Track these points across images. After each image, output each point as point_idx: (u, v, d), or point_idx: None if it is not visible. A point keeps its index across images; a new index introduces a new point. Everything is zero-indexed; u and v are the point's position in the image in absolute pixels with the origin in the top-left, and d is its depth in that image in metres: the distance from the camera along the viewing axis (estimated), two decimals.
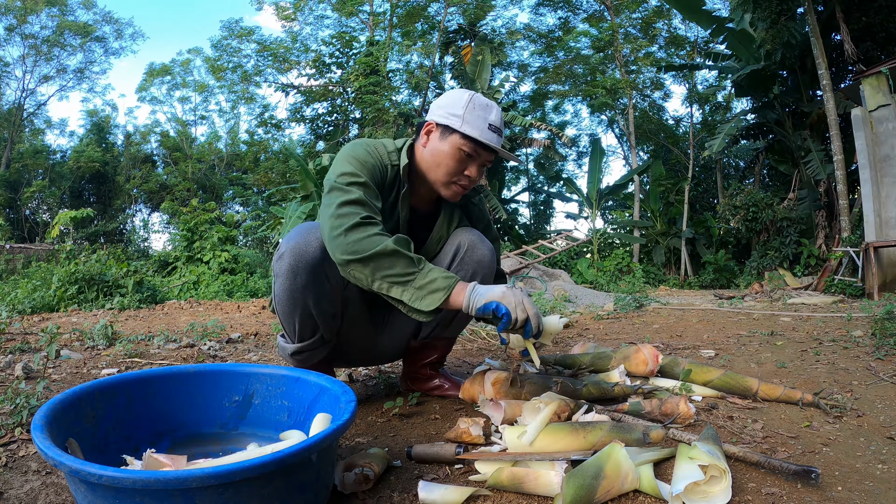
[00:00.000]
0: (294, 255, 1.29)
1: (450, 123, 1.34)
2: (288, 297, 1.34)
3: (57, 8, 21.52)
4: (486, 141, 1.33)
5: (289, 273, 1.31)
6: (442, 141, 1.37)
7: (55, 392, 1.63)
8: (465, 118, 1.34)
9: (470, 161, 1.37)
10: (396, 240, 1.20)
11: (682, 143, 18.87)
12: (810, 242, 10.56)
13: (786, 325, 3.29)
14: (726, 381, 1.59)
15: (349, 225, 1.20)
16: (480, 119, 1.34)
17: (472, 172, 1.38)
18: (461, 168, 1.37)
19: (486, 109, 1.35)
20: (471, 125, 1.33)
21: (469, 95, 1.36)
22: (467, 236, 1.49)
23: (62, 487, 1.03)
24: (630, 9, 17.27)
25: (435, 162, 1.38)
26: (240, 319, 4.06)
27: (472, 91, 1.40)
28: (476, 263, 1.47)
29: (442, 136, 1.37)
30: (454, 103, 1.36)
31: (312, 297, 1.33)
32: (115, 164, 22.73)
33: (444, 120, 1.36)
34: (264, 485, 0.79)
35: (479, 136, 1.33)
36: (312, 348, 1.46)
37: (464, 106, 1.34)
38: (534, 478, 0.97)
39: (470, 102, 1.35)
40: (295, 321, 1.38)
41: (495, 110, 1.37)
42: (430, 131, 1.40)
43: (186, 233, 9.60)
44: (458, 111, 1.34)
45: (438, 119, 1.37)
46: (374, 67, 14.04)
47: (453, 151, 1.35)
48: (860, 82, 8.03)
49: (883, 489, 0.99)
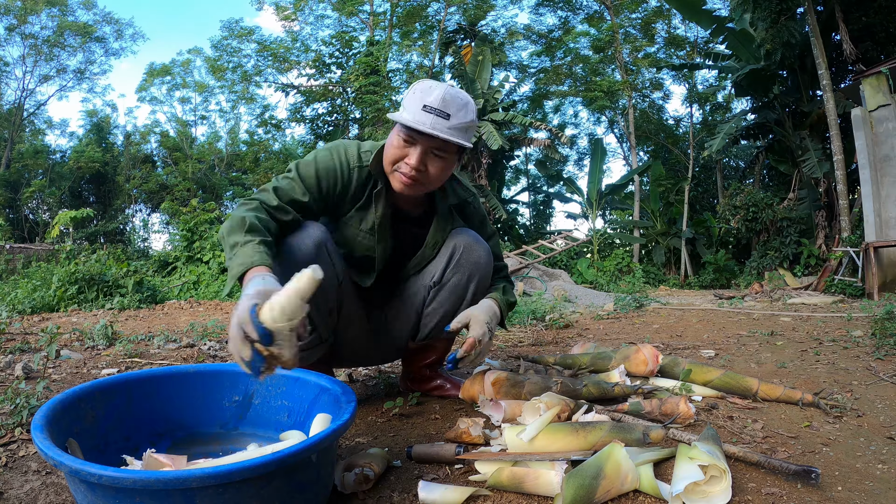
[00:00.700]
0: (287, 253, 1.31)
1: (393, 115, 1.32)
2: None
3: (57, 8, 21.52)
4: (416, 124, 1.25)
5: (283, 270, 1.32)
6: (392, 135, 1.35)
7: (55, 392, 1.63)
8: (405, 105, 1.30)
9: (409, 147, 1.30)
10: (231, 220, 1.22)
11: (681, 143, 18.87)
12: (810, 242, 10.56)
13: (786, 325, 3.29)
14: (726, 381, 1.59)
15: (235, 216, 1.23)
16: (416, 102, 1.28)
17: (412, 160, 1.30)
18: (401, 155, 1.32)
19: (426, 92, 1.28)
20: (406, 110, 1.29)
21: (416, 83, 1.32)
22: (463, 238, 1.48)
23: (62, 487, 1.03)
24: (630, 9, 17.27)
25: (386, 153, 1.36)
26: None
27: (426, 79, 1.35)
28: (472, 265, 1.47)
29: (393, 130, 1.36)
30: (405, 97, 1.33)
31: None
32: (115, 165, 22.74)
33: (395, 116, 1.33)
34: (264, 485, 0.79)
35: (409, 121, 1.26)
36: (309, 347, 1.45)
37: (407, 96, 1.31)
38: (534, 477, 0.97)
39: (411, 89, 1.31)
40: None
41: (437, 91, 1.27)
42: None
43: (186, 233, 9.59)
44: (404, 103, 1.31)
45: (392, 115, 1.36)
46: (374, 67, 14.05)
47: (394, 139, 1.33)
48: (860, 82, 8.04)
49: (883, 489, 0.99)
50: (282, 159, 19.88)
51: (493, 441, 1.22)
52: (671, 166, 17.86)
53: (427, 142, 1.29)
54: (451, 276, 1.48)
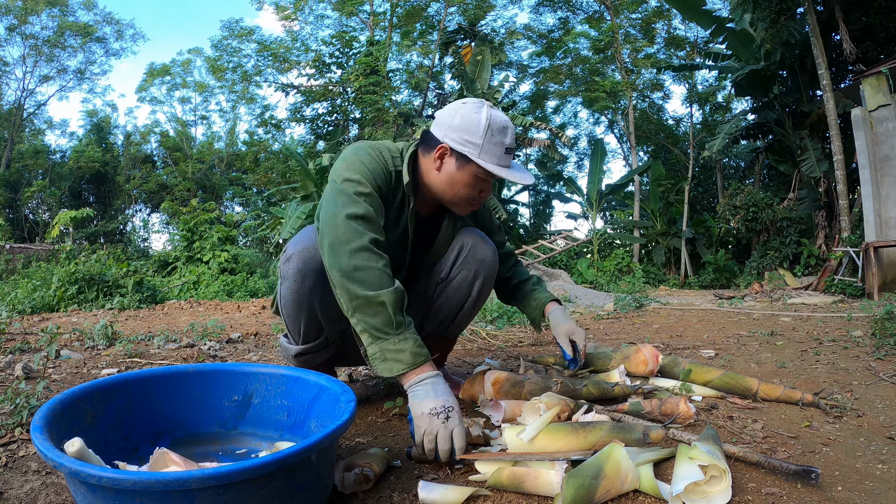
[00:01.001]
0: (302, 258, 1.29)
1: (467, 153, 1.28)
2: (295, 299, 1.33)
3: (58, 8, 21.54)
4: (506, 173, 1.28)
5: (297, 275, 1.30)
6: (459, 170, 1.31)
7: (55, 392, 1.63)
8: (484, 147, 1.27)
9: (484, 183, 1.34)
10: (394, 292, 1.15)
11: (681, 143, 18.88)
12: (810, 242, 10.56)
13: (786, 325, 3.29)
14: (726, 381, 1.59)
15: (355, 247, 1.16)
16: (498, 147, 1.28)
17: (487, 191, 1.37)
18: (477, 192, 1.35)
19: (502, 133, 1.28)
20: (489, 154, 1.28)
21: (486, 120, 1.28)
22: (470, 236, 1.49)
23: (62, 487, 1.03)
24: (630, 9, 17.27)
25: (451, 188, 1.34)
26: (240, 319, 4.06)
27: (486, 109, 1.30)
28: (479, 262, 1.47)
29: (458, 163, 1.30)
30: (471, 128, 1.27)
31: (319, 300, 1.33)
32: (115, 165, 22.76)
33: (460, 147, 1.28)
34: (264, 485, 0.79)
35: (497, 170, 1.27)
36: (317, 350, 1.46)
37: (482, 134, 1.27)
38: (534, 477, 0.97)
39: (488, 130, 1.27)
40: (301, 323, 1.38)
41: (510, 131, 1.30)
42: (444, 155, 1.32)
43: (186, 233, 9.60)
44: (476, 139, 1.27)
45: (454, 145, 1.29)
46: (374, 67, 14.05)
47: (471, 180, 1.31)
48: (860, 82, 8.04)
49: (883, 489, 0.99)
50: (282, 159, 19.86)
51: (494, 441, 1.22)
52: (671, 166, 17.86)
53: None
54: (458, 273, 1.48)
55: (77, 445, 0.83)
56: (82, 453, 0.83)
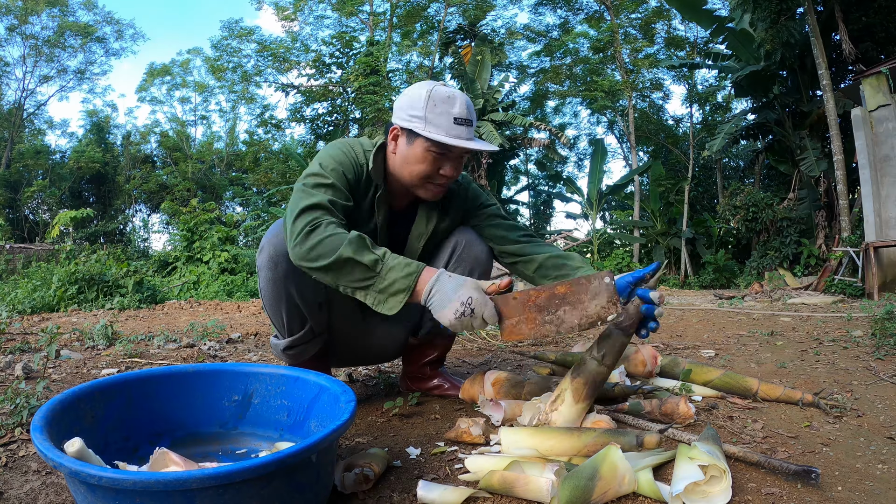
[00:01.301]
0: (273, 246, 1.32)
1: (413, 127, 1.27)
2: (271, 287, 1.36)
3: (58, 8, 21.53)
4: (455, 140, 1.25)
5: (269, 263, 1.33)
6: (409, 146, 1.31)
7: (55, 392, 1.63)
8: (428, 118, 1.26)
9: (443, 160, 1.30)
10: (349, 243, 1.15)
11: (682, 143, 18.87)
12: (810, 242, 10.56)
13: (786, 325, 3.29)
14: (726, 381, 1.59)
15: (304, 231, 1.18)
16: (444, 116, 1.26)
17: (448, 171, 1.32)
18: (435, 169, 1.31)
19: (447, 102, 1.26)
20: (435, 125, 1.26)
21: (427, 91, 1.27)
22: (464, 235, 1.49)
23: (62, 487, 1.03)
24: (629, 9, 17.28)
25: (408, 168, 1.33)
26: (240, 319, 4.06)
27: (430, 83, 1.30)
28: (473, 260, 1.48)
29: (409, 140, 1.31)
30: (414, 103, 1.28)
31: (295, 286, 1.34)
32: (115, 165, 22.76)
33: (406, 123, 1.29)
34: (264, 485, 0.79)
35: (444, 138, 1.25)
36: (304, 342, 1.46)
37: (423, 105, 1.26)
38: (524, 483, 0.96)
39: (429, 99, 1.26)
40: (282, 313, 1.40)
41: (459, 100, 1.27)
42: (397, 136, 1.34)
43: (186, 233, 9.60)
44: (419, 111, 1.26)
45: (402, 122, 1.30)
46: (373, 67, 14.05)
47: (423, 155, 1.29)
48: (860, 82, 8.04)
49: (883, 489, 0.99)
50: (282, 159, 19.87)
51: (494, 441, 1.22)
52: (671, 166, 17.85)
53: (461, 151, 1.30)
54: (454, 270, 1.48)
55: (77, 445, 0.83)
56: (82, 453, 0.83)
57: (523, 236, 1.51)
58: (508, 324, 1.18)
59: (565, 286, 1.17)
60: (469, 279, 1.16)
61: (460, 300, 1.13)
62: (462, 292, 1.13)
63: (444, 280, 1.15)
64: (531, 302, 1.17)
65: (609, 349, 1.19)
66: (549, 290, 1.17)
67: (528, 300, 1.17)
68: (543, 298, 1.17)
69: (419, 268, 1.16)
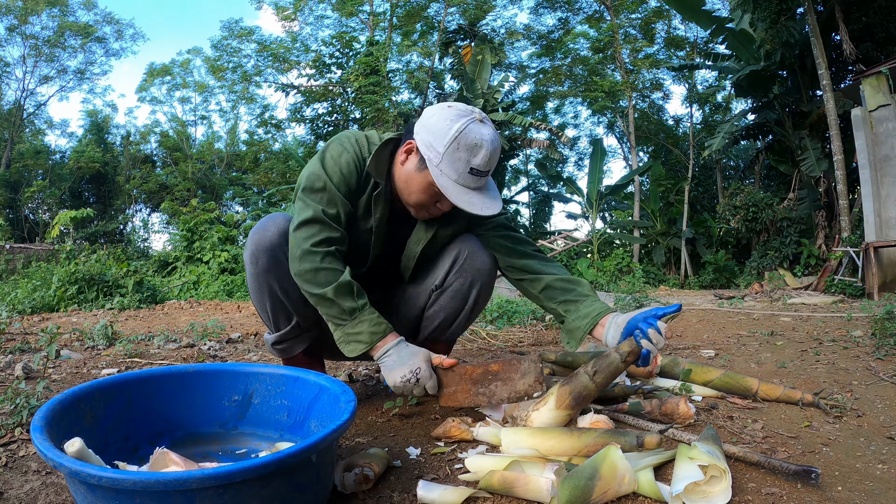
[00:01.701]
0: (254, 242, 1.36)
1: (427, 157, 1.23)
2: (254, 282, 1.39)
3: (58, 8, 21.53)
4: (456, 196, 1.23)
5: (251, 258, 1.36)
6: (417, 171, 1.28)
7: (55, 392, 1.63)
8: (444, 158, 1.21)
9: (442, 198, 1.28)
10: (337, 287, 1.25)
11: (682, 143, 18.88)
12: (810, 242, 10.56)
13: (786, 325, 3.29)
14: (726, 381, 1.59)
15: (302, 253, 1.27)
16: (461, 163, 1.21)
17: (445, 207, 1.31)
18: (432, 202, 1.31)
19: (471, 151, 1.20)
20: (449, 168, 1.22)
21: (457, 130, 1.20)
22: (467, 244, 1.46)
23: (62, 487, 1.03)
24: (629, 9, 17.27)
25: (407, 187, 1.31)
26: (240, 319, 4.06)
27: (463, 123, 1.21)
28: (475, 271, 1.46)
29: (419, 165, 1.27)
30: (439, 134, 1.22)
31: (276, 280, 1.36)
32: (115, 165, 22.75)
33: (423, 149, 1.24)
34: (264, 485, 0.79)
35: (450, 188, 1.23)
36: (292, 337, 1.47)
37: (447, 143, 1.20)
38: (524, 483, 0.96)
39: (454, 142, 1.20)
40: (266, 307, 1.42)
41: (483, 151, 1.21)
42: (410, 151, 1.30)
43: (186, 233, 9.60)
44: (440, 147, 1.21)
45: (420, 145, 1.26)
46: (374, 67, 14.05)
47: (425, 186, 1.27)
48: (860, 82, 8.04)
49: (883, 489, 0.99)
50: (282, 159, 19.87)
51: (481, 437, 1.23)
52: (671, 166, 17.86)
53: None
54: (454, 281, 1.47)
55: (77, 445, 0.83)
56: (82, 453, 0.83)
57: (533, 251, 1.46)
58: (447, 392, 1.32)
59: (498, 364, 1.30)
60: (423, 351, 1.28)
61: (410, 368, 1.24)
62: (413, 361, 1.25)
63: (402, 347, 1.27)
64: (467, 375, 1.31)
65: (602, 369, 1.23)
66: (484, 367, 1.31)
67: (464, 373, 1.31)
68: (478, 374, 1.31)
69: (387, 330, 1.28)
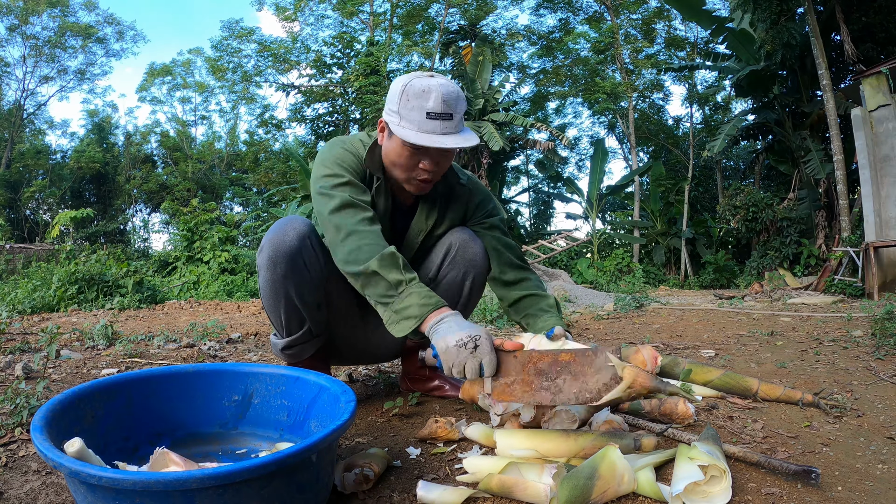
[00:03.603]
0: (272, 246, 1.33)
1: (389, 122, 1.26)
2: (270, 287, 1.36)
3: (59, 9, 21.51)
4: (422, 139, 1.21)
5: (268, 264, 1.33)
6: (389, 140, 1.31)
7: (55, 392, 1.63)
8: (401, 114, 1.23)
9: (420, 155, 1.27)
10: (381, 258, 1.19)
11: (682, 143, 18.88)
12: (810, 242, 10.56)
13: (786, 325, 3.29)
14: (726, 381, 1.59)
15: (343, 236, 1.23)
16: (416, 111, 1.21)
17: (427, 165, 1.28)
18: (413, 164, 1.29)
19: (421, 97, 1.21)
20: (408, 121, 1.23)
21: (402, 85, 1.24)
22: (459, 236, 1.46)
23: (62, 487, 1.03)
24: (630, 9, 17.27)
25: (390, 162, 1.32)
26: (240, 319, 4.06)
27: (410, 76, 1.26)
28: (468, 262, 1.45)
29: (389, 135, 1.30)
30: (392, 97, 1.26)
31: (293, 286, 1.35)
32: (116, 165, 22.76)
33: (387, 117, 1.28)
34: (264, 485, 0.79)
35: (412, 135, 1.21)
36: (302, 342, 1.46)
37: (398, 99, 1.23)
38: (523, 487, 0.96)
39: (403, 94, 1.23)
40: (280, 313, 1.40)
41: (434, 93, 1.21)
42: (383, 129, 1.33)
43: (186, 233, 9.60)
44: (394, 106, 1.24)
45: (384, 115, 1.29)
46: (374, 68, 14.06)
47: (400, 150, 1.28)
48: (860, 82, 8.03)
49: (883, 489, 0.99)
50: (282, 159, 19.87)
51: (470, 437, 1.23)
52: (671, 166, 17.85)
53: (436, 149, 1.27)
54: (447, 273, 1.47)
55: (77, 445, 0.83)
56: (82, 453, 0.83)
57: (517, 260, 1.50)
58: (503, 382, 1.12)
59: (569, 354, 1.11)
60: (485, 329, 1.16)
61: (469, 334, 1.10)
62: (473, 330, 1.11)
63: (460, 318, 1.16)
64: (531, 364, 1.11)
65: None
66: (553, 354, 1.12)
67: (528, 361, 1.11)
68: (546, 363, 1.11)
69: (439, 303, 1.17)
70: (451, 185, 1.48)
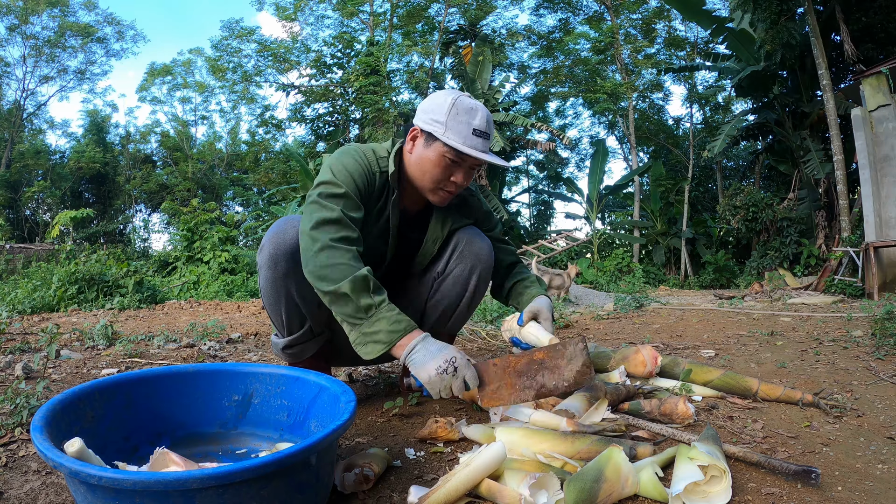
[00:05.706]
0: (273, 245, 1.34)
1: (433, 131, 1.31)
2: (271, 286, 1.37)
3: (59, 9, 21.51)
4: (470, 150, 1.29)
5: (269, 262, 1.34)
6: (426, 148, 1.34)
7: (55, 392, 1.63)
8: (448, 125, 1.29)
9: (455, 167, 1.33)
10: (352, 280, 1.18)
11: (682, 143, 18.88)
12: (810, 242, 10.56)
13: (786, 325, 3.29)
14: (726, 381, 1.59)
15: (318, 248, 1.22)
16: (464, 125, 1.29)
17: (459, 178, 1.35)
18: (447, 175, 1.34)
19: (469, 113, 1.30)
20: (454, 132, 1.29)
21: (452, 99, 1.31)
22: (465, 233, 1.51)
23: (62, 487, 1.03)
24: (630, 9, 17.27)
25: (421, 169, 1.35)
26: (240, 319, 4.06)
27: (456, 93, 1.34)
28: (474, 257, 1.49)
29: (426, 143, 1.34)
30: (437, 108, 1.31)
31: (294, 285, 1.35)
32: (116, 165, 22.77)
33: (427, 126, 1.32)
34: (264, 486, 0.79)
35: (461, 146, 1.28)
36: (303, 341, 1.47)
37: (447, 111, 1.30)
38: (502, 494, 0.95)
39: (453, 107, 1.30)
40: (281, 312, 1.41)
41: (480, 113, 1.32)
42: (416, 137, 1.37)
43: (186, 233, 9.60)
44: (441, 117, 1.30)
45: (422, 125, 1.34)
46: (374, 68, 14.06)
47: (438, 159, 1.32)
48: (860, 82, 8.03)
49: (883, 489, 0.99)
50: (282, 159, 19.86)
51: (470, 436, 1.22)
52: (671, 166, 17.85)
53: (475, 161, 1.33)
54: (454, 267, 1.49)
55: (77, 445, 0.83)
56: (82, 453, 0.83)
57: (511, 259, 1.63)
58: (489, 389, 1.22)
59: (542, 352, 1.23)
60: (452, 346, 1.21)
61: (444, 358, 1.16)
62: (446, 352, 1.17)
63: (430, 342, 1.19)
64: (511, 368, 1.22)
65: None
66: (528, 356, 1.23)
67: (507, 366, 1.22)
68: (523, 364, 1.22)
69: (408, 328, 1.19)
70: (464, 196, 1.57)
